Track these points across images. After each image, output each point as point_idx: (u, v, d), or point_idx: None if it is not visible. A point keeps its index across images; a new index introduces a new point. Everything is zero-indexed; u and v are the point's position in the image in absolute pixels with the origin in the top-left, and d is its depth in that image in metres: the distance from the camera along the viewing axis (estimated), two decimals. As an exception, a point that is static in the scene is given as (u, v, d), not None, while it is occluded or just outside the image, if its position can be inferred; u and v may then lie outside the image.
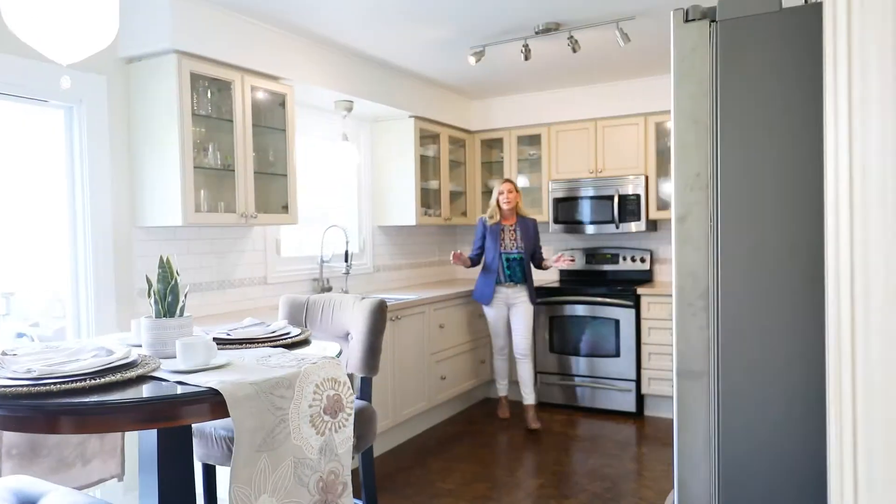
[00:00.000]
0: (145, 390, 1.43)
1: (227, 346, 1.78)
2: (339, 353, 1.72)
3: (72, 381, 1.39)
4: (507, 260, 4.52)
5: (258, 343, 1.82)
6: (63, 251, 3.00)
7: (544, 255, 4.75)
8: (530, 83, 4.97)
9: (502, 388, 4.80)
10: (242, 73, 3.34)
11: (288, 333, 1.93)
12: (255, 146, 3.48)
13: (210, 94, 3.27)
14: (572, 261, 4.58)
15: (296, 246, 4.30)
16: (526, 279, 4.56)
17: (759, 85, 1.25)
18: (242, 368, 1.52)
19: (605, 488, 3.41)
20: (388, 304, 3.99)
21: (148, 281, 1.71)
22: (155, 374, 1.51)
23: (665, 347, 4.57)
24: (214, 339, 1.75)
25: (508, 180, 4.57)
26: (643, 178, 4.88)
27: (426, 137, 5.08)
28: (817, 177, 1.22)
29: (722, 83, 1.26)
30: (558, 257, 4.54)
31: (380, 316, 2.27)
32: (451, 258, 4.48)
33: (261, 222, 3.47)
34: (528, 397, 4.55)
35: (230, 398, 1.34)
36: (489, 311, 4.63)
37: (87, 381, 1.39)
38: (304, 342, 1.93)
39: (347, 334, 2.35)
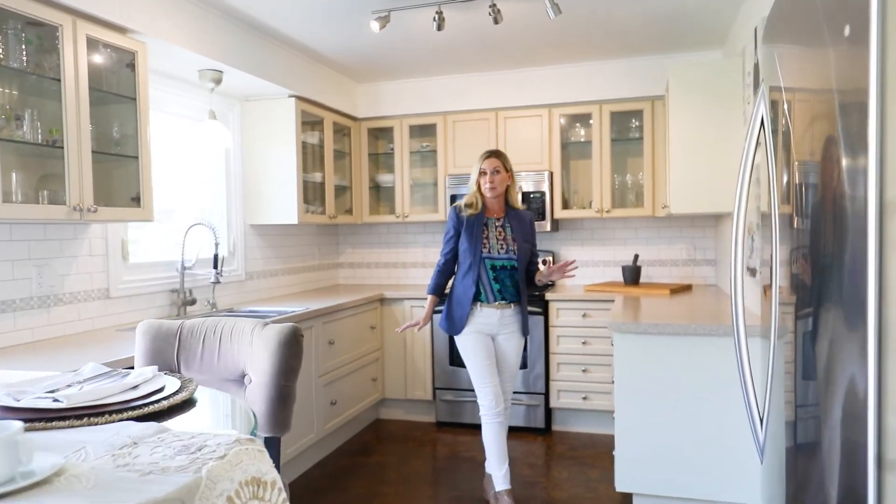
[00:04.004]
0: None
1: (53, 425, 1.04)
2: (255, 428, 1.06)
3: None
4: (494, 268, 3.07)
5: (111, 413, 1.10)
6: None
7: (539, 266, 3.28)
8: (426, 66, 4.43)
9: (500, 479, 3.03)
10: (75, 18, 2.47)
11: (160, 390, 1.23)
12: (95, 118, 2.62)
13: (26, 42, 2.37)
14: (575, 268, 3.12)
15: (148, 249, 3.42)
16: (520, 298, 3.14)
17: None
18: (87, 484, 0.82)
19: (537, 527, 2.96)
20: (270, 317, 3.27)
21: None
22: None
23: (574, 357, 4.23)
24: (27, 410, 1.01)
25: (494, 154, 3.12)
26: (547, 174, 4.52)
27: (308, 123, 4.37)
28: None
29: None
30: (563, 265, 3.03)
31: (293, 350, 1.61)
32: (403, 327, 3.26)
33: (102, 218, 2.62)
34: (501, 479, 3.01)
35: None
36: (466, 345, 3.10)
37: None
38: (189, 403, 1.23)
39: (244, 376, 1.66)
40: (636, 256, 4.45)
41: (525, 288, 3.18)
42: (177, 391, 1.23)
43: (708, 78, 3.39)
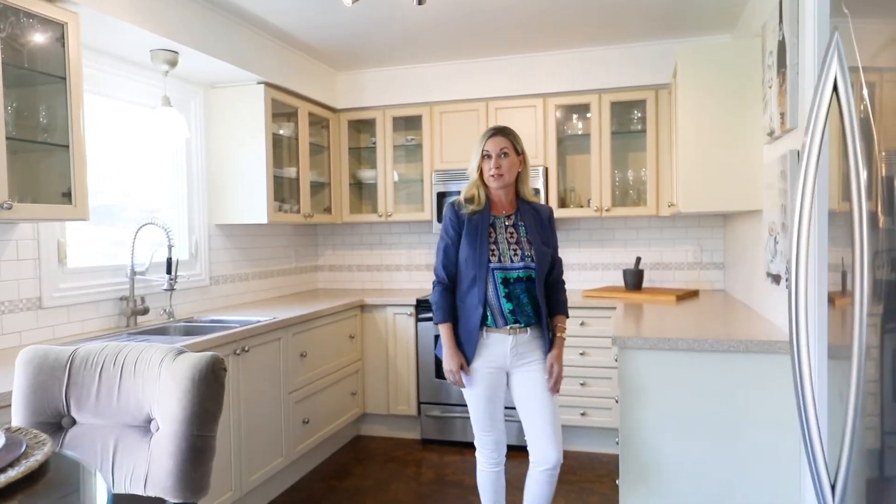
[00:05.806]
0: None
1: None
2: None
3: None
4: (506, 282, 2.37)
5: None
6: None
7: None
8: (411, 52, 4.06)
9: None
10: (-16, -20, 2.10)
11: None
12: (13, 100, 2.25)
13: (-79, 6, 2.00)
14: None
15: (92, 252, 3.04)
16: (540, 318, 2.43)
17: None
18: None
19: (531, 569, 2.59)
20: (231, 329, 2.89)
21: None
22: None
23: (572, 369, 3.87)
24: None
25: (500, 132, 2.41)
26: (542, 169, 4.16)
27: (281, 114, 4.00)
28: None
29: None
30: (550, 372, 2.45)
31: (211, 389, 1.24)
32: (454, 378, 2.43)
33: (20, 216, 2.23)
34: None
35: None
36: (468, 384, 2.46)
37: None
38: (31, 480, 0.85)
39: (149, 420, 1.29)
40: (638, 259, 4.09)
41: (546, 305, 2.45)
42: (5, 467, 0.86)
43: (720, 61, 3.03)
